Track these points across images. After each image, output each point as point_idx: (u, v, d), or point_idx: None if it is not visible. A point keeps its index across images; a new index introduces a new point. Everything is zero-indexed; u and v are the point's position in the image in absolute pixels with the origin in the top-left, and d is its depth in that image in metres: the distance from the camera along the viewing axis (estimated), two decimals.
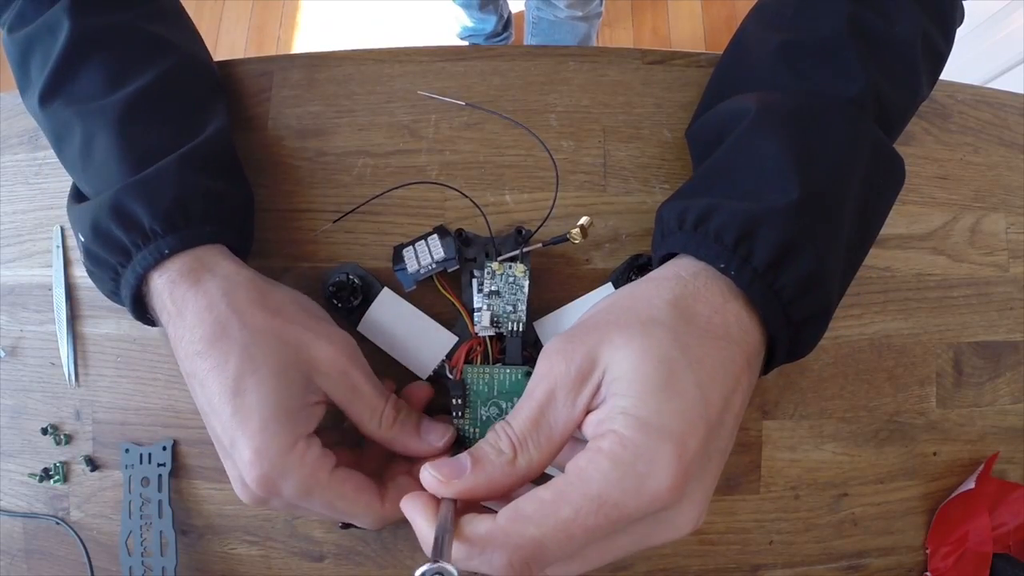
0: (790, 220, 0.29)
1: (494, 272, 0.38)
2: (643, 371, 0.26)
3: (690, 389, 0.26)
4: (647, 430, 0.25)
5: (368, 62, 0.45)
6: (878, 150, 0.33)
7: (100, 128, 0.36)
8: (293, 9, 1.62)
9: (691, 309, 0.28)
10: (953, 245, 0.45)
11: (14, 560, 0.45)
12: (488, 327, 0.38)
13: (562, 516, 0.25)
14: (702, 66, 0.45)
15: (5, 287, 0.47)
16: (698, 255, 0.30)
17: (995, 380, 0.45)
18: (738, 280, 0.29)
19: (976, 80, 1.15)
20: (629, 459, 0.25)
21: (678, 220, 0.32)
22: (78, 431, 0.45)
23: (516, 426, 0.28)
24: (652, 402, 0.26)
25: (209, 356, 0.31)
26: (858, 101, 0.33)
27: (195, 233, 0.35)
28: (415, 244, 0.40)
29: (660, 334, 0.27)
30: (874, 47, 0.34)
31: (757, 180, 0.31)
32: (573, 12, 1.17)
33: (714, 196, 0.31)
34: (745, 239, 0.29)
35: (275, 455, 0.30)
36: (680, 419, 0.26)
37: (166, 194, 0.34)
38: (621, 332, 0.28)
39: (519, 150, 0.44)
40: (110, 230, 0.34)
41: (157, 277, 0.34)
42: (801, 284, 0.29)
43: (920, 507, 0.44)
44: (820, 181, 0.30)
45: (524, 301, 0.38)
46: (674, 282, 0.30)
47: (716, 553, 0.43)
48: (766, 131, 0.32)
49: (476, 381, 0.38)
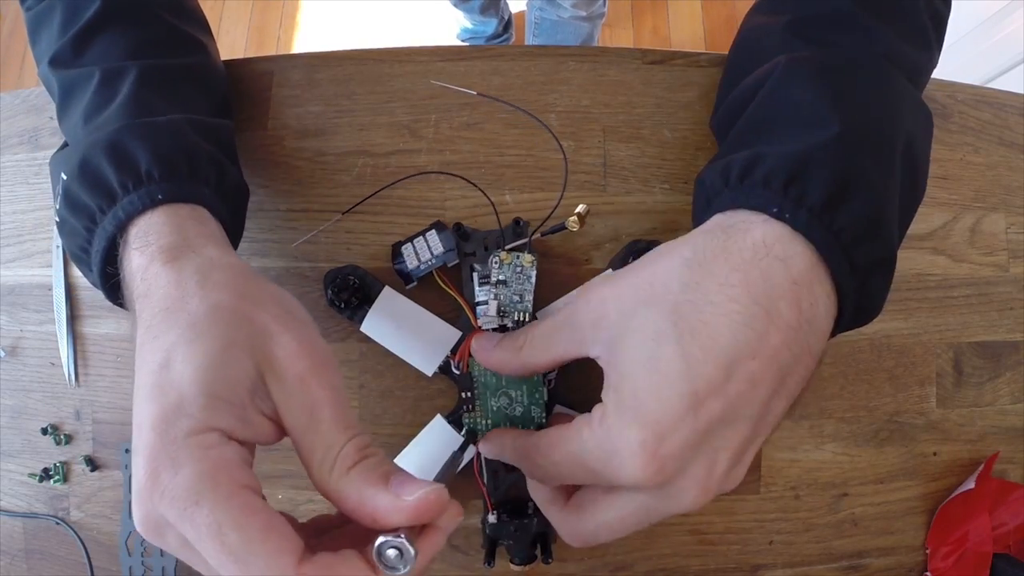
0: (839, 155, 0.27)
1: (501, 261, 0.38)
2: (636, 345, 0.26)
3: (675, 365, 0.25)
4: (619, 411, 0.26)
5: (368, 62, 0.45)
6: (915, 102, 0.32)
7: (120, 79, 0.35)
8: (293, 9, 1.62)
9: (707, 269, 0.26)
10: (953, 245, 0.45)
11: (14, 560, 0.45)
12: (494, 317, 0.38)
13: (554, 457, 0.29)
14: (702, 66, 0.45)
15: (5, 287, 0.47)
16: (749, 206, 0.27)
17: (995, 380, 0.45)
18: (794, 222, 0.26)
19: (976, 80, 1.15)
20: (601, 436, 0.26)
21: (722, 177, 0.29)
22: (78, 431, 0.45)
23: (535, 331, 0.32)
24: (634, 380, 0.26)
25: (155, 328, 0.26)
26: (888, 56, 0.32)
27: (194, 190, 0.31)
28: (413, 241, 0.40)
29: (661, 304, 0.26)
30: (884, 13, 0.33)
31: (796, 123, 0.29)
32: (577, 12, 1.17)
33: (755, 148, 0.30)
34: (795, 180, 0.27)
35: (174, 437, 0.23)
36: (656, 404, 0.25)
37: (172, 142, 0.32)
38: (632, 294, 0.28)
39: (519, 150, 0.44)
40: (99, 168, 0.31)
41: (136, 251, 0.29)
42: (862, 224, 0.27)
43: (920, 507, 0.44)
44: (863, 118, 0.29)
45: (531, 291, 0.38)
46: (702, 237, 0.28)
47: (716, 553, 0.43)
48: (798, 79, 0.31)
49: (483, 373, 0.38)
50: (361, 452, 0.25)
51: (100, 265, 0.31)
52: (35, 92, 0.49)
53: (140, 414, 0.25)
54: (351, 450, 0.25)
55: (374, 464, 0.25)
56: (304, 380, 0.26)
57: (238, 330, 0.26)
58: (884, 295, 0.30)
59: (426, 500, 0.24)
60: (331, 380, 0.27)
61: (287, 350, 0.26)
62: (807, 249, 0.26)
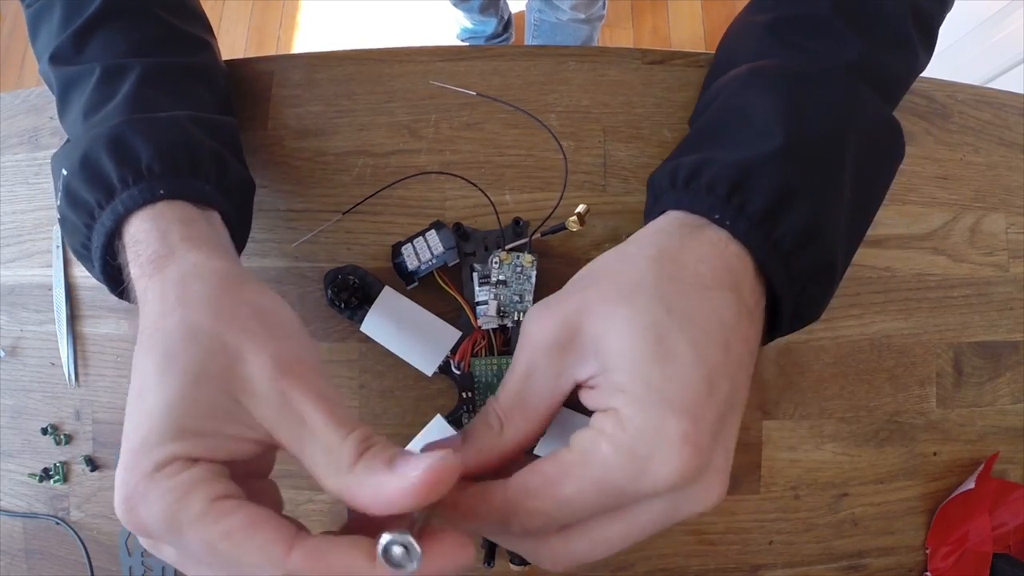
0: (781, 166, 0.28)
1: (501, 261, 0.38)
2: (632, 342, 0.25)
3: (685, 351, 0.24)
4: (645, 407, 0.24)
5: (368, 62, 0.45)
6: (875, 115, 0.32)
7: (124, 76, 0.35)
8: (293, 9, 1.62)
9: (676, 261, 0.27)
10: (953, 245, 0.45)
11: (14, 560, 0.45)
12: (494, 317, 0.38)
13: (564, 493, 0.24)
14: (702, 66, 0.45)
15: (5, 287, 0.47)
16: (692, 209, 0.29)
17: (995, 380, 0.45)
18: (734, 230, 0.28)
19: (976, 80, 1.15)
20: (629, 442, 0.24)
21: (669, 179, 0.30)
22: (78, 431, 0.45)
23: (502, 399, 0.27)
24: (646, 374, 0.24)
25: (140, 348, 0.26)
26: (855, 67, 0.33)
27: (195, 186, 0.31)
28: (413, 241, 0.40)
29: (643, 299, 0.26)
30: (864, 20, 0.34)
31: (745, 132, 0.30)
32: (576, 15, 1.17)
33: (699, 153, 0.30)
34: (738, 189, 0.28)
35: (139, 475, 0.23)
36: (683, 391, 0.24)
37: (174, 137, 0.32)
38: (604, 300, 0.26)
39: (519, 150, 0.44)
40: (99, 163, 0.31)
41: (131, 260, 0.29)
42: (799, 234, 0.28)
43: (920, 507, 0.44)
44: (809, 130, 0.30)
45: (531, 291, 0.38)
46: (657, 236, 0.29)
47: (716, 553, 0.43)
48: (755, 87, 0.32)
49: (484, 373, 0.38)
50: (363, 444, 0.24)
51: (101, 261, 0.31)
52: (35, 92, 0.49)
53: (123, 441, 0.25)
54: (351, 445, 0.24)
55: (377, 452, 0.24)
56: (286, 394, 0.25)
57: (211, 359, 0.25)
58: (824, 302, 0.31)
59: (432, 470, 0.23)
60: (316, 386, 0.25)
61: (264, 371, 0.25)
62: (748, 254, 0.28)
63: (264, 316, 0.27)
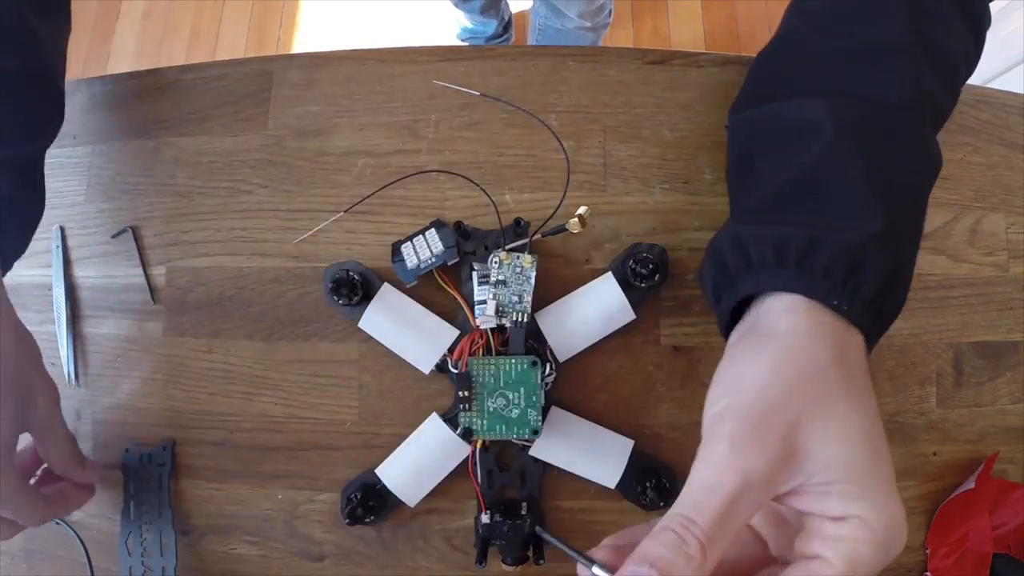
0: (888, 249, 0.30)
1: (501, 261, 0.38)
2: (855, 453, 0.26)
3: (882, 445, 0.27)
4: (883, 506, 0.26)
5: (368, 62, 0.45)
6: (934, 158, 0.34)
7: None
8: (293, 9, 1.62)
9: (845, 358, 0.28)
10: (953, 245, 0.45)
11: (14, 560, 0.45)
12: (492, 317, 0.38)
13: None
14: (702, 66, 0.45)
15: (5, 287, 0.47)
16: (808, 294, 0.29)
17: (995, 380, 0.45)
18: (849, 314, 0.29)
19: (976, 80, 1.14)
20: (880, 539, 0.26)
21: (775, 252, 0.30)
22: (78, 431, 0.45)
23: (704, 523, 0.24)
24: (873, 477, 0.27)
25: None
26: (919, 106, 0.34)
27: None
28: (413, 239, 0.40)
29: (844, 407, 0.27)
30: (933, 56, 0.34)
31: (845, 206, 0.31)
32: (583, 23, 1.17)
33: (800, 225, 0.31)
34: (852, 274, 0.29)
35: None
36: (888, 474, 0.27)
37: None
38: (811, 412, 0.26)
39: (519, 150, 0.44)
40: None
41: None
42: (897, 307, 0.31)
43: (920, 507, 0.44)
44: (903, 201, 0.32)
45: (530, 292, 0.38)
46: (823, 334, 0.29)
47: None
48: (846, 151, 0.32)
49: (482, 373, 0.38)
50: None
51: None
52: None
53: None
54: None
55: None
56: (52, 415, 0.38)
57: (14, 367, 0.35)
58: None
59: None
60: None
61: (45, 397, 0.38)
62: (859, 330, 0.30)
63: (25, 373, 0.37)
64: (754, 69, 0.40)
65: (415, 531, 0.42)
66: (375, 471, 0.41)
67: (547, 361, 0.39)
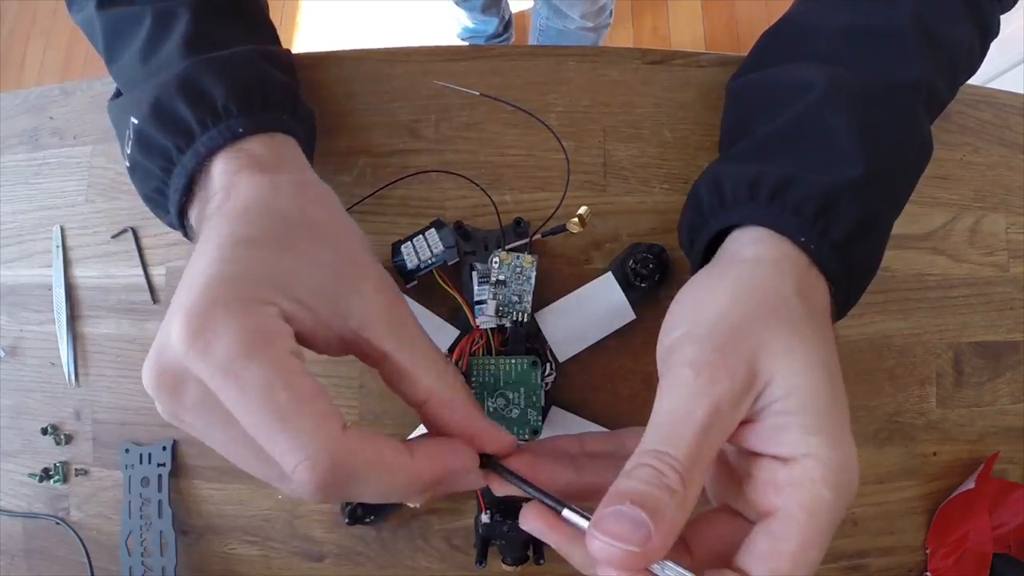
0: (864, 195, 0.29)
1: (501, 261, 0.38)
2: (816, 384, 0.25)
3: (839, 380, 0.26)
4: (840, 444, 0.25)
5: (368, 62, 0.45)
6: (925, 138, 0.34)
7: (174, 16, 0.34)
8: (293, 9, 1.62)
9: (809, 296, 0.28)
10: (953, 245, 0.45)
11: (14, 560, 0.45)
12: (492, 317, 0.38)
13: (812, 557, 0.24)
14: (702, 66, 0.45)
15: (5, 287, 0.47)
16: (777, 228, 0.29)
17: (995, 380, 0.45)
18: (816, 254, 0.29)
19: (976, 80, 1.14)
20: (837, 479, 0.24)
21: (749, 188, 0.30)
22: (78, 431, 0.45)
23: (681, 455, 0.23)
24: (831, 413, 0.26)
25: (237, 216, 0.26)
26: (916, 87, 0.34)
27: (275, 118, 0.32)
28: (413, 239, 0.40)
29: (810, 336, 0.26)
30: (933, 44, 0.35)
31: (827, 153, 0.31)
32: (584, 24, 1.17)
33: (779, 165, 0.31)
34: (823, 213, 0.29)
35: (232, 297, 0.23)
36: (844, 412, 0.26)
37: (246, 74, 0.32)
38: (777, 337, 0.26)
39: (519, 150, 0.44)
40: (174, 107, 0.31)
41: (220, 165, 0.30)
42: (868, 259, 0.30)
43: (920, 507, 0.44)
44: (885, 158, 0.31)
45: (530, 292, 0.38)
46: (788, 266, 0.29)
47: None
48: (835, 105, 0.32)
49: (482, 373, 0.38)
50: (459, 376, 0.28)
51: (178, 204, 0.31)
52: (35, 92, 0.49)
53: (193, 275, 0.24)
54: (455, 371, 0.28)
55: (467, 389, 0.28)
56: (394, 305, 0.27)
57: (328, 249, 0.26)
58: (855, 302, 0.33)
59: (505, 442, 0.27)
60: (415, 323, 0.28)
61: (376, 277, 0.27)
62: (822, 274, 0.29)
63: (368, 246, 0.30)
64: (759, 41, 0.41)
65: (415, 531, 0.42)
66: None
67: (547, 361, 0.39)
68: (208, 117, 0.31)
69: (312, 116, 0.38)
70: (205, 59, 0.32)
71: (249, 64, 0.33)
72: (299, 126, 0.34)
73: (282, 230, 0.26)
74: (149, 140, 0.31)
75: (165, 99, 0.31)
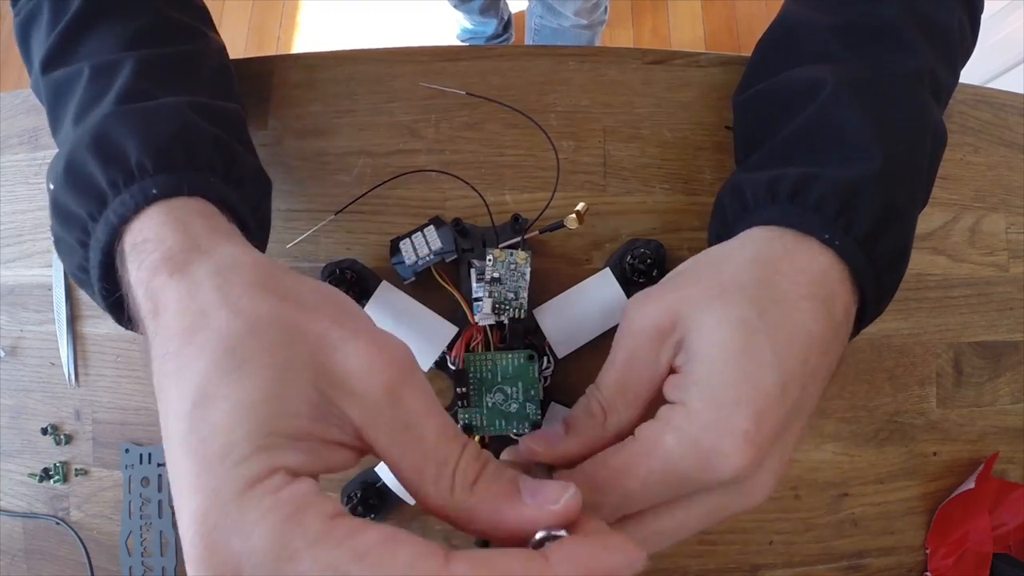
0: (884, 187, 0.29)
1: (495, 259, 0.38)
2: (720, 337, 0.25)
3: (766, 353, 0.25)
4: (717, 404, 0.24)
5: (368, 62, 0.45)
6: (938, 125, 0.34)
7: (114, 69, 0.31)
8: (293, 9, 1.62)
9: (776, 268, 0.27)
10: (953, 245, 0.45)
11: (14, 560, 0.45)
12: (489, 315, 0.38)
13: (628, 487, 0.25)
14: (702, 66, 0.45)
15: (5, 287, 0.47)
16: (799, 227, 0.29)
17: (995, 380, 0.45)
18: (841, 250, 0.28)
19: (976, 80, 1.14)
20: (695, 434, 0.24)
21: (768, 190, 0.30)
22: (78, 431, 0.45)
23: (603, 388, 0.28)
24: (726, 372, 0.25)
25: (174, 356, 0.21)
26: (920, 76, 0.33)
27: (197, 180, 0.27)
28: (412, 236, 0.40)
29: (738, 297, 0.26)
30: (927, 30, 0.35)
31: (843, 149, 0.31)
32: (578, 20, 1.17)
33: (797, 166, 0.31)
34: (845, 209, 0.29)
35: (227, 495, 0.19)
36: (754, 391, 0.24)
37: (165, 126, 0.28)
38: (702, 292, 0.27)
39: (519, 150, 0.44)
40: (85, 167, 0.27)
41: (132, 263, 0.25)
42: (893, 253, 0.30)
43: (920, 507, 0.44)
44: (901, 150, 0.31)
45: (526, 288, 0.38)
46: (760, 241, 0.29)
47: (716, 553, 0.43)
48: (846, 102, 0.32)
49: (479, 369, 0.38)
50: (479, 462, 0.22)
51: (99, 284, 0.27)
52: None
53: (178, 472, 0.20)
54: (469, 462, 0.22)
55: (496, 473, 0.22)
56: (394, 391, 0.21)
57: (291, 348, 0.21)
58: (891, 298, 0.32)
59: (572, 500, 0.21)
60: (422, 386, 0.23)
61: (362, 361, 0.21)
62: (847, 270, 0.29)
63: (335, 301, 0.24)
64: (756, 53, 0.41)
65: (415, 530, 0.42)
66: (375, 469, 0.41)
67: (544, 355, 0.39)
68: (120, 176, 0.26)
69: (259, 180, 0.33)
70: (123, 109, 0.28)
71: (173, 115, 0.28)
72: (234, 191, 0.29)
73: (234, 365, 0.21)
74: (64, 209, 0.27)
75: (77, 158, 0.27)
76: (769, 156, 0.34)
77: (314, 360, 0.21)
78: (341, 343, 0.22)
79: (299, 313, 0.22)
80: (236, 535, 0.18)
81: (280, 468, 0.20)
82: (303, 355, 0.21)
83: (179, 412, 0.20)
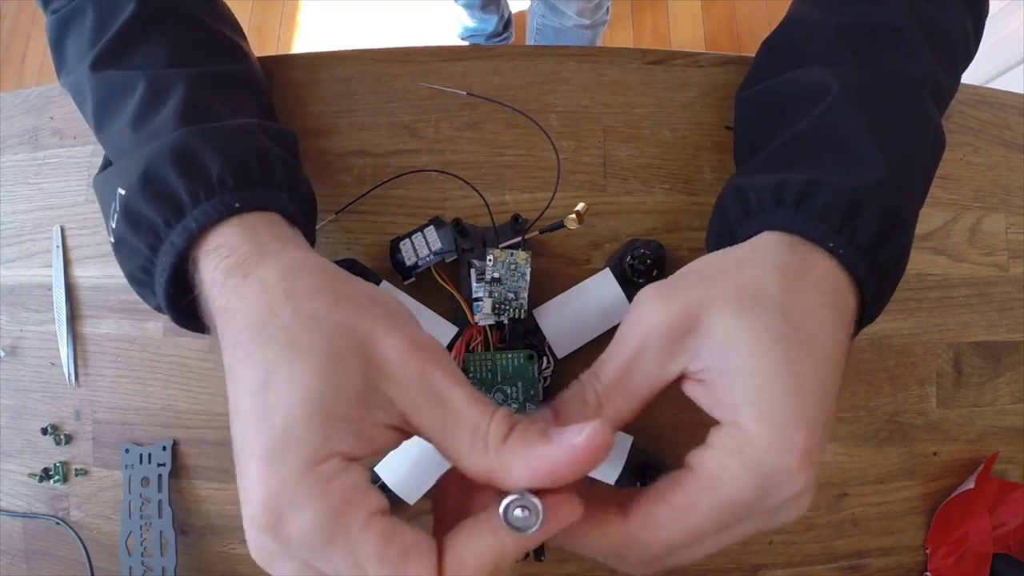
0: (888, 197, 0.29)
1: (495, 259, 0.38)
2: (762, 352, 0.25)
3: (808, 371, 0.25)
4: (775, 424, 0.24)
5: (368, 62, 0.45)
6: (937, 131, 0.34)
7: (169, 84, 0.33)
8: (293, 9, 1.62)
9: (799, 276, 0.27)
10: (953, 245, 0.45)
11: (14, 560, 0.45)
12: (489, 315, 0.38)
13: (693, 522, 0.24)
14: (702, 66, 0.45)
15: (5, 287, 0.47)
16: (805, 234, 0.29)
17: (995, 380, 0.45)
18: (844, 259, 0.28)
19: (976, 80, 1.14)
20: (758, 457, 0.24)
21: (774, 195, 0.30)
22: (78, 431, 0.45)
23: (603, 378, 0.26)
24: (775, 389, 0.24)
25: (245, 344, 0.25)
26: (923, 81, 0.34)
27: (270, 195, 0.30)
28: (412, 237, 0.40)
29: (770, 308, 0.25)
30: (931, 35, 0.35)
31: (847, 156, 0.31)
32: (581, 20, 1.17)
33: (802, 171, 0.31)
34: (850, 218, 0.29)
35: (291, 471, 0.22)
36: (803, 406, 0.24)
37: (244, 146, 0.30)
38: (729, 297, 0.26)
39: (519, 150, 0.44)
40: (164, 178, 0.29)
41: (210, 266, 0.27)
42: (895, 260, 0.30)
43: (920, 507, 0.44)
44: (904, 159, 0.31)
45: (526, 288, 0.38)
46: (778, 247, 0.29)
47: (716, 553, 0.43)
48: (851, 108, 0.32)
49: (479, 369, 0.38)
50: (507, 422, 0.24)
51: (165, 285, 0.29)
52: (35, 92, 0.49)
53: (245, 444, 0.23)
54: (499, 423, 0.24)
55: (525, 426, 0.24)
56: (425, 374, 0.24)
57: (342, 341, 0.24)
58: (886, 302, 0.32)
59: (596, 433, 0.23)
60: (451, 367, 0.25)
61: (399, 351, 0.24)
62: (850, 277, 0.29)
63: (382, 303, 0.27)
64: (761, 51, 0.41)
65: None
66: (374, 469, 0.41)
67: (543, 355, 0.39)
68: (201, 190, 0.29)
69: (312, 197, 0.35)
70: (202, 128, 0.30)
71: (249, 136, 0.31)
72: (296, 206, 0.32)
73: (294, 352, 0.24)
74: (136, 214, 0.29)
75: (156, 169, 0.29)
76: (773, 158, 0.34)
77: (362, 353, 0.24)
78: (383, 338, 0.24)
79: (351, 312, 0.25)
80: (294, 511, 0.22)
81: (337, 453, 0.23)
82: (352, 348, 0.24)
83: (248, 391, 0.24)
